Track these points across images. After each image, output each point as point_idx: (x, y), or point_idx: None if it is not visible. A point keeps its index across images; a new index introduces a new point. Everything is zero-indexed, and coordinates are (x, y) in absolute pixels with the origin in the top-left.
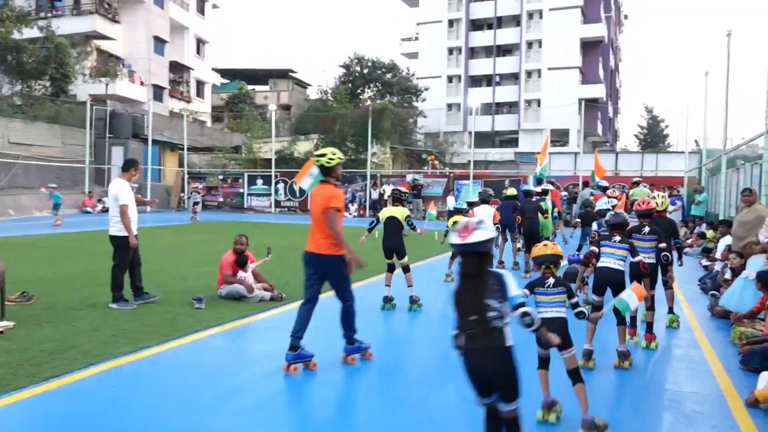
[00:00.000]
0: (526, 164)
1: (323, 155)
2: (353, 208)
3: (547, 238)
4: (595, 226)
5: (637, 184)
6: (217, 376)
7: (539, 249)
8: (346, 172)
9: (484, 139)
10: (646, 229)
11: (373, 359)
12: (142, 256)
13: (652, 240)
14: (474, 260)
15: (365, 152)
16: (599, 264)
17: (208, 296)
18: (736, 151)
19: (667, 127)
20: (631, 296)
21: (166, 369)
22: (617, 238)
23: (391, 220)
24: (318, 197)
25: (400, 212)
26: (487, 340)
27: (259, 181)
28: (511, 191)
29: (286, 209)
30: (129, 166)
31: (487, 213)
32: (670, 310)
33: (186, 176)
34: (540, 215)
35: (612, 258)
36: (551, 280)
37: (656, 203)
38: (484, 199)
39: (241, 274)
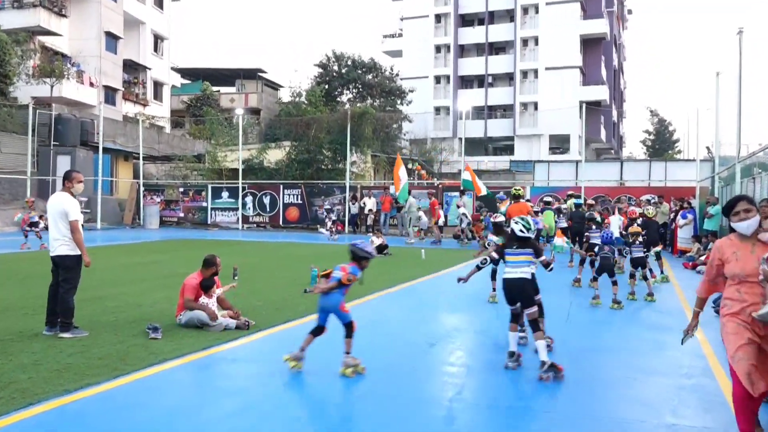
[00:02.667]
0: (523, 174)
1: (520, 189)
2: (329, 224)
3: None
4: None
5: (571, 197)
6: (175, 416)
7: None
8: (322, 184)
9: (475, 145)
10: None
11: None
12: (90, 278)
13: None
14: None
15: (343, 161)
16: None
17: (166, 324)
18: (752, 159)
19: (675, 132)
20: None
21: (117, 408)
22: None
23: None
24: (521, 210)
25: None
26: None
27: (225, 194)
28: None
29: (255, 225)
30: (64, 177)
31: (617, 221)
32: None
33: (141, 188)
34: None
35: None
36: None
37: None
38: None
39: (203, 299)
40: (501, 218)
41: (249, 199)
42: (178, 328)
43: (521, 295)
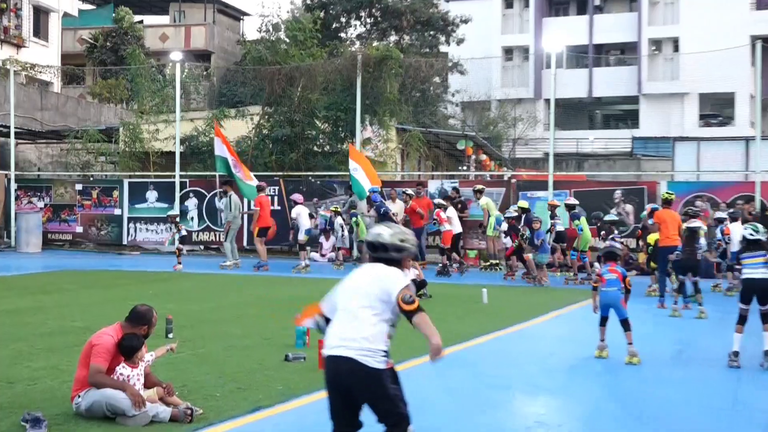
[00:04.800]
0: (655, 159)
1: (671, 194)
2: (327, 244)
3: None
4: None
5: (480, 192)
6: None
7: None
8: (314, 177)
9: (574, 112)
10: None
11: None
12: None
13: None
14: None
15: (350, 139)
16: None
17: (55, 413)
18: None
19: None
20: None
21: None
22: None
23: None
24: (672, 218)
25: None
26: None
27: (152, 195)
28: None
29: (202, 247)
30: None
31: (738, 229)
32: None
33: (13, 185)
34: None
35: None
36: None
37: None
38: (734, 217)
39: (123, 370)
40: (698, 223)
41: (192, 202)
42: (75, 420)
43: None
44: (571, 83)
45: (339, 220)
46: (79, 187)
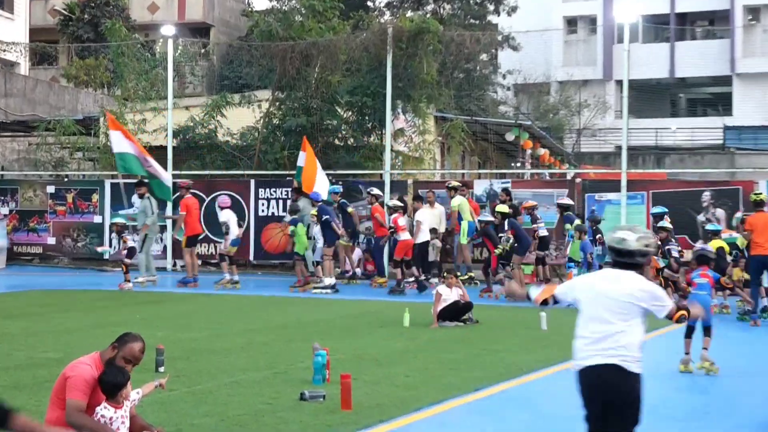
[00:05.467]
0: (751, 154)
1: (761, 194)
2: (356, 255)
3: None
4: None
5: (455, 189)
6: None
7: None
8: (335, 178)
9: (652, 96)
10: None
11: None
12: None
13: None
14: None
15: (379, 130)
16: None
17: None
18: None
19: None
20: None
21: None
22: None
23: None
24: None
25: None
26: None
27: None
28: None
29: (200, 262)
30: None
31: None
32: None
33: None
34: None
35: None
36: None
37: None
38: None
39: (104, 410)
40: None
41: None
42: None
43: None
44: (649, 61)
45: (316, 228)
46: (51, 189)
